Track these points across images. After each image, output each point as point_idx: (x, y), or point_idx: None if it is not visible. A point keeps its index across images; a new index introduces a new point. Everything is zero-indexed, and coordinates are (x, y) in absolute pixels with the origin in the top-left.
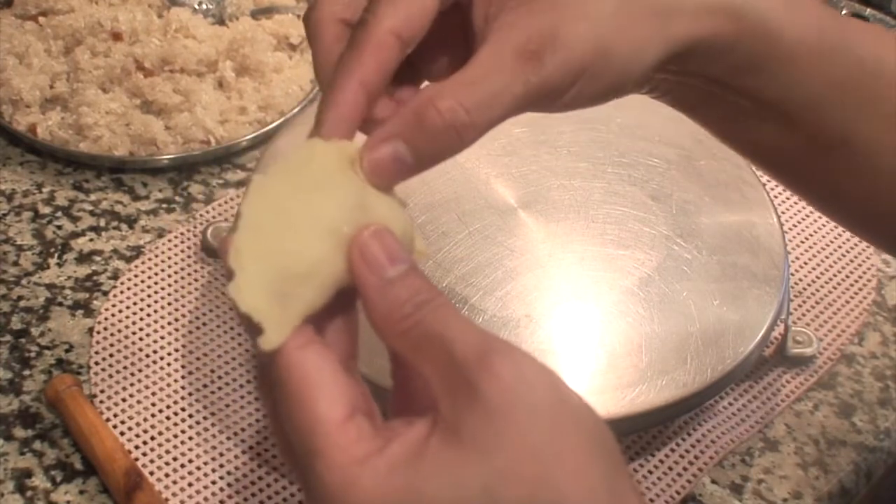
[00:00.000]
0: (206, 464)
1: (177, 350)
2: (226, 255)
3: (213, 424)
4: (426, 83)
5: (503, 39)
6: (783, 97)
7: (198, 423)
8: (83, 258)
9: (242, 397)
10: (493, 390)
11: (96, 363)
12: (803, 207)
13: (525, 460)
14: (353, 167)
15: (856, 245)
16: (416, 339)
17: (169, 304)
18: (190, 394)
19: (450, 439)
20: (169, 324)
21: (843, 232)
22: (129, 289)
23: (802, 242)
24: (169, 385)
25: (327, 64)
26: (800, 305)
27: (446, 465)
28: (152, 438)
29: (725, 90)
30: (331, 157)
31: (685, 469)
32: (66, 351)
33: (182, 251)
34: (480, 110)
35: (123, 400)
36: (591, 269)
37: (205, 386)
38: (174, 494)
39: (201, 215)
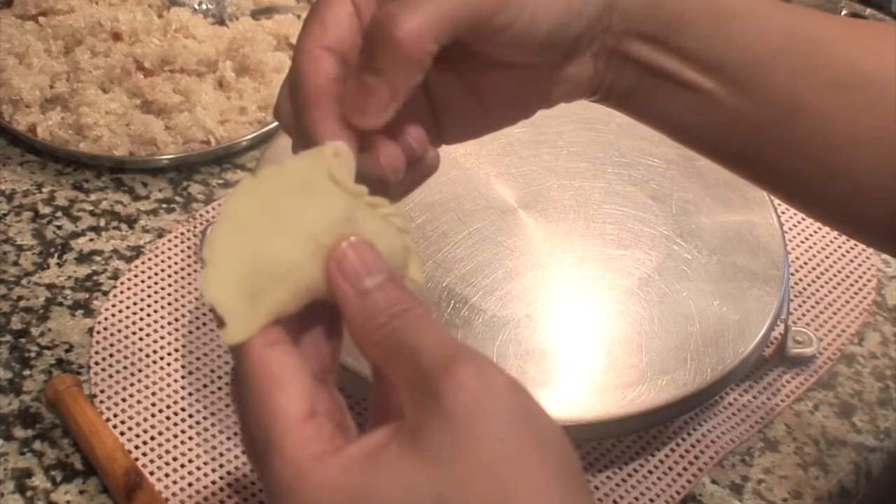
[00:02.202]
0: (206, 464)
1: (177, 350)
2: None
3: (213, 424)
4: None
5: None
6: (722, 58)
7: (198, 423)
8: (83, 258)
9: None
10: (455, 398)
11: (96, 363)
12: None
13: (481, 474)
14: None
15: (856, 245)
16: (389, 348)
17: (169, 304)
18: (190, 394)
19: (408, 445)
20: (169, 324)
21: None
22: (129, 289)
23: (802, 242)
24: (169, 385)
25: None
26: (800, 305)
27: (401, 470)
28: (152, 438)
29: (668, 59)
30: (324, 168)
31: (685, 469)
32: (66, 351)
33: (182, 251)
34: (422, 12)
35: (123, 400)
36: (591, 269)
37: (205, 386)
38: (174, 494)
39: (201, 215)
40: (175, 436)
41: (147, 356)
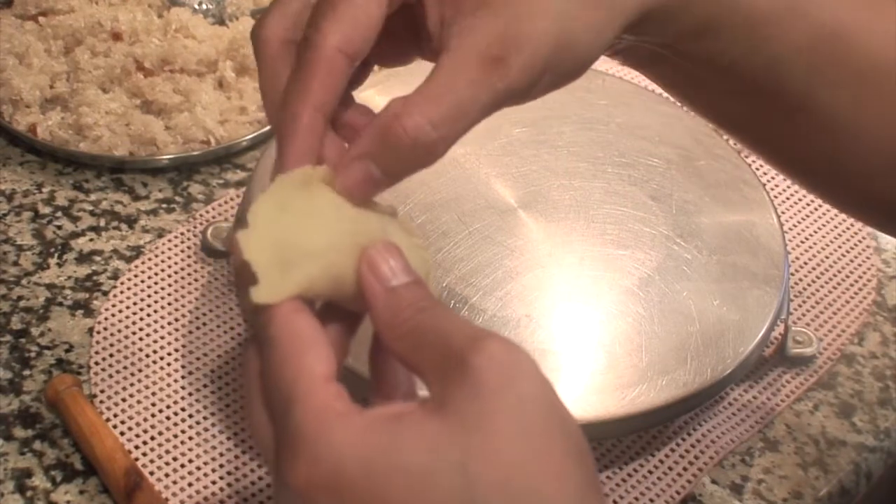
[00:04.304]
0: (206, 464)
1: (177, 350)
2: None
3: (213, 424)
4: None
5: (464, 46)
6: (741, 61)
7: (198, 423)
8: (83, 258)
9: (242, 397)
10: (484, 368)
11: (96, 363)
12: (803, 207)
13: (508, 444)
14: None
15: (856, 245)
16: (415, 339)
17: (169, 304)
18: (190, 394)
19: (434, 410)
20: (169, 324)
21: (843, 232)
22: (129, 289)
23: (802, 242)
24: (169, 385)
25: (273, 88)
26: (800, 305)
27: (426, 431)
28: (152, 438)
29: (682, 56)
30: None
31: (685, 469)
32: (66, 351)
33: (182, 251)
34: (448, 123)
35: (123, 400)
36: (591, 269)
37: (205, 386)
38: (174, 494)
39: (201, 215)
40: (175, 436)
41: (147, 356)
